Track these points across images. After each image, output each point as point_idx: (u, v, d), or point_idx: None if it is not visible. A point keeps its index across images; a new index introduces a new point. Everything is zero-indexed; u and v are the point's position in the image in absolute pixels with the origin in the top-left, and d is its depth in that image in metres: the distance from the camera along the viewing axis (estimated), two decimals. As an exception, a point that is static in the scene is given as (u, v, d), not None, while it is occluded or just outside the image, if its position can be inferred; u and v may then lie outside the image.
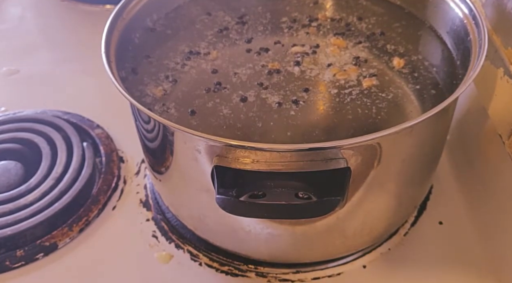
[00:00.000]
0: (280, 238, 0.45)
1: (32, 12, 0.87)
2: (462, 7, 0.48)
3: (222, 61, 0.51)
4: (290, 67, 0.50)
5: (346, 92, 0.47)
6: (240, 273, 0.50)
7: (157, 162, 0.47)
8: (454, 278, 0.49)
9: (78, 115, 0.65)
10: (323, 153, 0.36)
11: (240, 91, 0.47)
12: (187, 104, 0.47)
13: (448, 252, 0.51)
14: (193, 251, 0.52)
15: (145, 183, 0.58)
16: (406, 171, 0.44)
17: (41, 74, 0.74)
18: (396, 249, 0.51)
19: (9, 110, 0.68)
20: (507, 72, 0.48)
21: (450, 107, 0.45)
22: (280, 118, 0.45)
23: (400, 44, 0.52)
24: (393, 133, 0.36)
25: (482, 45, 0.43)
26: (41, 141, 0.60)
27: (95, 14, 0.83)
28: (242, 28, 0.55)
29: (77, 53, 0.77)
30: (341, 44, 0.52)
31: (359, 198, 0.42)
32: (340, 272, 0.49)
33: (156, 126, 0.42)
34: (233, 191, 0.37)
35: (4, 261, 0.51)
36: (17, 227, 0.52)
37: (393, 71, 0.49)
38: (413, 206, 0.52)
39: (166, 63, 0.51)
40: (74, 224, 0.54)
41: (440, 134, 0.46)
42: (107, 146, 0.61)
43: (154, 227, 0.54)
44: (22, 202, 0.54)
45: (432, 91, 0.47)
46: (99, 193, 0.56)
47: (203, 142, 0.38)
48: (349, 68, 0.49)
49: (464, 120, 0.58)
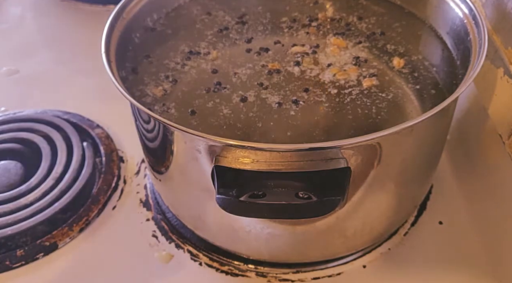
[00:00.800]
0: (280, 238, 0.46)
1: (32, 12, 0.87)
2: (462, 7, 0.48)
3: (222, 61, 0.51)
4: (290, 67, 0.50)
5: (346, 92, 0.47)
6: (240, 273, 0.50)
7: (157, 162, 0.47)
8: (454, 278, 0.49)
9: (78, 115, 0.65)
10: (323, 153, 0.36)
11: (240, 91, 0.47)
12: (187, 104, 0.47)
13: (448, 252, 0.51)
14: (193, 251, 0.52)
15: (145, 183, 0.58)
16: (406, 171, 0.44)
17: (41, 74, 0.74)
18: (396, 249, 0.51)
19: (9, 110, 0.68)
20: (507, 72, 0.48)
21: (450, 107, 0.45)
22: (280, 118, 0.45)
23: (400, 44, 0.52)
24: (393, 133, 0.36)
25: (482, 45, 0.43)
26: (41, 141, 0.60)
27: (95, 14, 0.83)
28: (242, 28, 0.55)
29: (77, 53, 0.77)
30: (341, 44, 0.52)
31: (359, 198, 0.42)
32: (340, 272, 0.49)
33: (156, 126, 0.42)
34: (233, 191, 0.37)
35: (4, 261, 0.51)
36: (17, 227, 0.52)
37: (393, 71, 0.49)
38: (413, 206, 0.52)
39: (166, 63, 0.51)
40: (74, 224, 0.54)
41: (440, 134, 0.46)
42: (107, 146, 0.61)
43: (154, 227, 0.54)
44: (22, 202, 0.54)
45: (432, 91, 0.47)
46: (99, 193, 0.56)
47: (203, 142, 0.38)
48: (349, 68, 0.49)
49: (464, 120, 0.58)
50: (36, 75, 0.74)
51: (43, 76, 0.74)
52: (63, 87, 0.72)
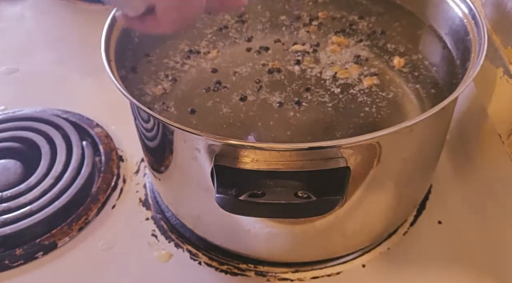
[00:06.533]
0: (279, 237, 0.46)
1: (32, 10, 0.87)
2: (462, 7, 0.48)
3: (222, 60, 0.51)
4: (291, 66, 0.50)
5: (347, 91, 0.47)
6: (239, 272, 0.50)
7: (156, 161, 0.47)
8: (453, 277, 0.49)
9: (77, 114, 0.65)
10: (322, 152, 0.36)
11: (240, 90, 0.47)
12: (187, 103, 0.47)
13: (447, 251, 0.51)
14: (193, 250, 0.52)
15: (144, 182, 0.58)
16: (406, 171, 0.44)
17: (41, 72, 0.74)
18: (395, 249, 0.51)
19: (9, 108, 0.67)
20: (507, 71, 0.48)
21: (450, 106, 0.45)
22: (280, 117, 0.45)
23: (401, 43, 0.52)
24: (392, 133, 0.36)
25: (481, 44, 0.43)
26: (41, 139, 0.60)
27: (95, 13, 0.83)
28: (242, 27, 0.55)
29: (76, 51, 0.76)
30: (343, 42, 0.52)
31: (358, 197, 0.42)
32: (339, 271, 0.49)
33: (155, 125, 0.42)
34: (233, 190, 0.37)
35: (3, 260, 0.51)
36: (17, 226, 0.52)
37: (394, 70, 0.49)
38: (413, 205, 0.52)
39: (166, 62, 0.51)
40: (74, 223, 0.54)
41: (439, 133, 0.46)
42: (106, 145, 0.61)
43: (153, 226, 0.54)
44: (21, 201, 0.54)
45: (432, 91, 0.47)
46: (98, 192, 0.56)
47: (203, 141, 0.38)
48: (350, 66, 0.49)
49: (464, 119, 0.58)
50: (35, 74, 0.74)
51: (43, 75, 0.74)
52: (62, 86, 0.71)
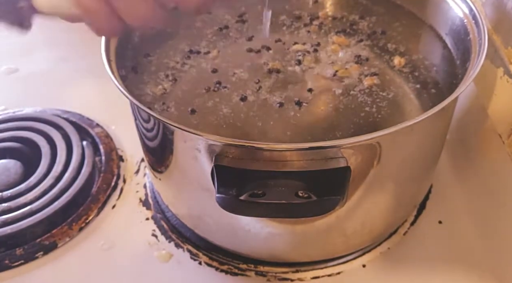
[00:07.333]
0: (279, 237, 0.45)
1: (32, 10, 0.87)
2: (462, 7, 0.48)
3: (222, 60, 0.51)
4: (291, 66, 0.50)
5: (347, 91, 0.47)
6: (239, 272, 0.50)
7: (157, 161, 0.47)
8: (453, 277, 0.49)
9: (77, 114, 0.65)
10: (323, 152, 0.36)
11: (240, 90, 0.47)
12: (187, 103, 0.47)
13: (448, 251, 0.51)
14: (193, 250, 0.51)
15: (144, 182, 0.58)
16: (406, 170, 0.44)
17: (41, 72, 0.74)
18: (395, 248, 0.51)
19: (9, 108, 0.67)
20: (507, 71, 0.48)
21: (450, 106, 0.45)
22: (280, 117, 0.45)
23: (401, 43, 0.52)
24: (393, 133, 0.36)
25: (482, 44, 0.43)
26: (41, 139, 0.60)
27: (95, 13, 0.83)
28: (242, 27, 0.55)
29: (77, 51, 0.76)
30: (343, 42, 0.52)
31: (359, 197, 0.42)
32: (339, 271, 0.49)
33: (156, 125, 0.42)
34: (233, 190, 0.37)
35: (3, 260, 0.51)
36: (17, 226, 0.52)
37: (394, 70, 0.49)
38: (413, 205, 0.52)
39: (166, 62, 0.51)
40: (74, 223, 0.54)
41: (439, 133, 0.46)
42: (106, 145, 0.61)
43: (153, 226, 0.54)
44: (21, 201, 0.54)
45: (432, 90, 0.47)
46: (98, 192, 0.56)
47: (203, 141, 0.38)
48: (350, 66, 0.49)
49: (464, 119, 0.58)
50: (35, 74, 0.74)
51: (43, 75, 0.74)
52: (62, 85, 0.71)
